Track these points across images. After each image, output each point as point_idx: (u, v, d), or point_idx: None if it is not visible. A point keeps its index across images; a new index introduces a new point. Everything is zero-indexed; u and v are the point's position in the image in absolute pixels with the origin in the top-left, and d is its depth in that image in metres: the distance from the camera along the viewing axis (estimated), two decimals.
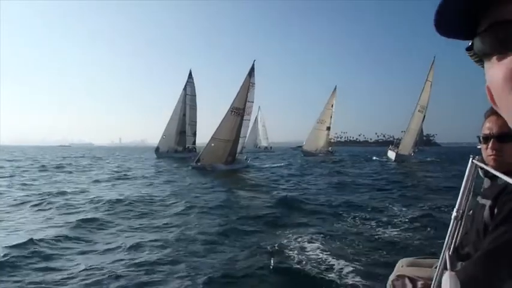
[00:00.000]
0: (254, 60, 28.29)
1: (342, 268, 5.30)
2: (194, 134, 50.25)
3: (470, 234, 1.47)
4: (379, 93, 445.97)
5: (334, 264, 5.48)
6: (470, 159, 1.53)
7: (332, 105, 52.97)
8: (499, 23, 0.40)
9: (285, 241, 6.79)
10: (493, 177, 1.44)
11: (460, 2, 0.42)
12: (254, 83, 28.13)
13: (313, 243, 6.61)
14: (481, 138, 1.52)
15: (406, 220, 8.59)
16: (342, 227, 8.18)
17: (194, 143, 50.39)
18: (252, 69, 28.09)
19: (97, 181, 18.14)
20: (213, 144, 26.43)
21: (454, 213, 1.45)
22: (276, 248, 6.29)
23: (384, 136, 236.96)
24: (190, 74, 50.51)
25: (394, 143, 42.36)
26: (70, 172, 23.74)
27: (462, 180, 1.45)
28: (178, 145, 49.30)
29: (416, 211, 9.68)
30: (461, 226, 1.47)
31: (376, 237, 7.16)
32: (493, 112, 1.45)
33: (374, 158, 42.96)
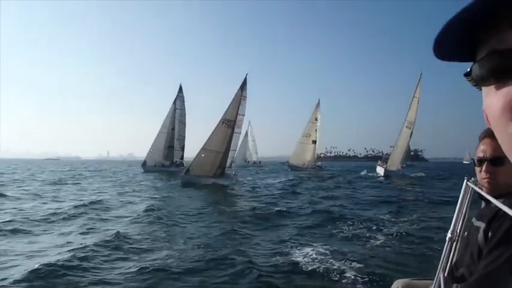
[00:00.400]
0: (246, 74, 28.41)
1: None
2: (182, 149, 50.09)
3: (465, 256, 1.45)
4: (369, 109, 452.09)
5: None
6: (465, 181, 1.56)
7: (316, 119, 54.03)
8: (498, 52, 0.40)
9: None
10: (488, 199, 1.40)
11: (458, 32, 0.42)
12: (246, 96, 28.13)
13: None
14: (475, 160, 1.51)
15: (400, 238, 8.44)
16: (337, 242, 8.03)
17: (182, 157, 50.11)
18: (244, 83, 28.16)
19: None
20: (203, 155, 26.33)
21: (448, 235, 1.48)
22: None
23: (373, 151, 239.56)
24: (180, 88, 50.64)
25: (383, 158, 42.60)
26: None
27: (457, 201, 1.49)
28: (166, 159, 48.90)
29: (410, 228, 9.56)
30: (456, 248, 1.48)
31: (370, 255, 6.96)
32: (487, 135, 1.47)
33: (363, 173, 43.03)
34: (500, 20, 0.39)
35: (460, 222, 1.50)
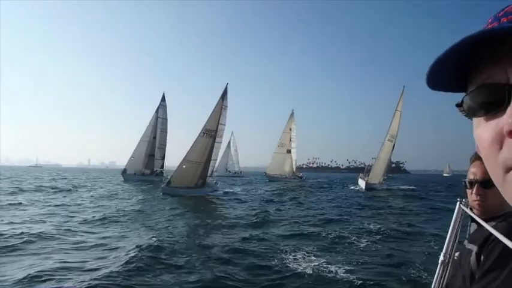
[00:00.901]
0: (227, 83, 28.49)
1: None
2: (163, 158, 49.92)
3: (457, 279, 1.30)
4: (351, 120, 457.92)
5: None
6: (458, 203, 1.57)
7: (290, 129, 55.24)
8: (487, 85, 0.43)
9: None
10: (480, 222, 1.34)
11: (448, 67, 0.45)
12: (227, 106, 28.10)
13: None
14: (466, 182, 1.52)
15: (392, 261, 8.18)
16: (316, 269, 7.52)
17: (162, 166, 49.95)
18: (225, 92, 28.13)
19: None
20: (184, 166, 26.02)
21: (441, 258, 1.48)
22: None
23: (355, 162, 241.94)
24: (163, 97, 50.47)
25: (365, 170, 42.62)
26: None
27: (449, 223, 1.50)
28: (146, 168, 48.33)
29: (400, 250, 9.25)
30: (448, 271, 1.46)
31: (358, 278, 6.71)
32: (477, 157, 1.44)
33: (349, 186, 43.02)
34: (486, 60, 0.42)
35: (452, 245, 1.49)
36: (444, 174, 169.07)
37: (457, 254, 1.48)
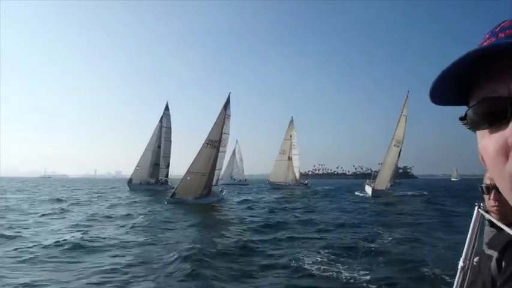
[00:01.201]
0: (230, 93, 28.54)
1: None
2: (167, 166, 50.27)
3: (477, 285, 1.24)
4: (357, 126, 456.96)
5: None
6: (476, 208, 1.53)
7: (291, 136, 56.00)
8: (489, 99, 0.44)
9: None
10: (499, 227, 1.36)
11: (450, 83, 0.46)
12: (230, 115, 28.11)
13: None
14: (483, 188, 1.50)
15: (406, 267, 8.14)
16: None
17: (167, 175, 50.36)
18: (228, 102, 28.14)
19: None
20: (188, 178, 25.95)
21: (460, 264, 1.45)
22: None
23: (361, 168, 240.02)
24: (167, 106, 50.92)
25: (372, 176, 42.20)
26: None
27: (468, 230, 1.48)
28: (151, 177, 48.51)
29: (415, 257, 9.13)
30: (468, 277, 1.45)
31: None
32: None
33: (355, 192, 42.59)
34: (487, 74, 0.43)
35: (472, 251, 1.47)
36: (452, 179, 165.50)
37: (476, 259, 1.45)
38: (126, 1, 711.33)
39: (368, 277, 7.20)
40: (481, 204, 1.57)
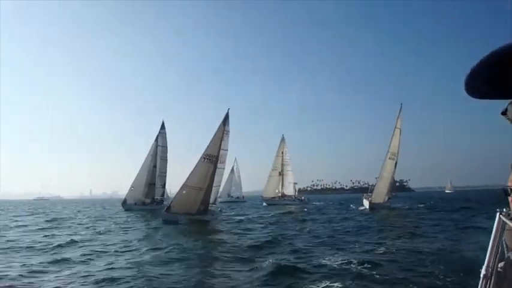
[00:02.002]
0: (228, 109, 28.41)
1: None
2: (163, 186, 49.67)
3: None
4: (354, 140, 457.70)
5: None
6: (498, 214, 1.51)
7: (282, 153, 58.64)
8: None
9: None
10: None
11: (489, 73, 0.42)
12: (229, 131, 28.03)
13: None
14: (509, 190, 1.37)
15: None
16: None
17: (163, 194, 49.63)
18: (227, 117, 28.01)
19: None
20: (184, 192, 25.55)
21: (482, 272, 1.44)
22: None
23: (359, 183, 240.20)
24: (163, 124, 50.52)
25: (369, 190, 42.13)
26: None
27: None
28: (147, 197, 47.85)
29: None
30: (491, 285, 1.42)
31: None
32: None
33: (352, 206, 42.33)
34: None
35: (494, 258, 1.45)
36: (446, 191, 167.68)
37: (500, 265, 1.45)
38: (118, 16, 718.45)
39: None
40: (503, 210, 1.54)
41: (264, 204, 54.50)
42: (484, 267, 1.44)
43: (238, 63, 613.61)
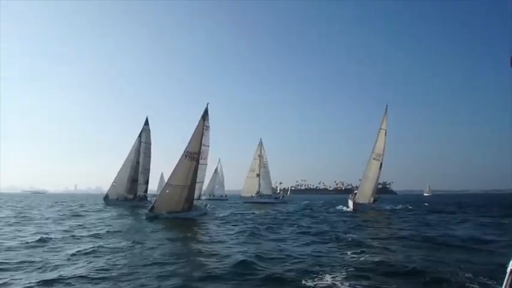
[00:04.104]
0: (207, 103, 27.78)
1: None
2: (146, 182, 49.32)
3: None
4: (337, 142, 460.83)
5: None
6: None
7: (259, 155, 63.50)
8: None
9: None
10: None
11: None
12: (209, 126, 27.53)
13: None
14: None
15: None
16: None
17: (146, 190, 49.44)
18: (206, 112, 27.47)
19: None
20: (167, 191, 24.97)
21: (509, 267, 1.46)
22: None
23: (342, 184, 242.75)
24: (146, 120, 50.00)
25: (354, 191, 42.05)
26: None
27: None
28: (129, 193, 47.23)
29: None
30: None
31: None
32: None
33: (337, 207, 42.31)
34: None
35: None
36: (425, 194, 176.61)
37: None
38: (102, 17, 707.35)
39: None
40: None
41: (243, 202, 58.39)
42: (511, 263, 1.43)
43: (224, 62, 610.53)
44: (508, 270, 1.42)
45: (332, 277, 7.70)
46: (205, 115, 27.20)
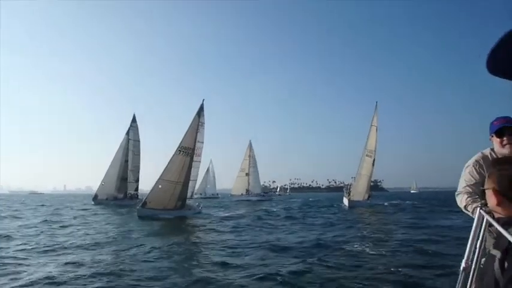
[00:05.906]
0: (203, 100, 27.29)
1: None
2: (137, 181, 48.43)
3: (482, 286, 1.36)
4: (330, 140, 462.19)
5: None
6: (478, 209, 1.53)
7: (249, 156, 66.74)
8: None
9: None
10: (505, 226, 1.31)
11: (505, 51, 0.40)
12: (204, 123, 27.02)
13: None
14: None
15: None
16: None
17: (137, 189, 48.42)
18: (201, 109, 26.98)
19: None
20: (160, 186, 24.31)
21: (462, 265, 1.46)
22: None
23: (335, 182, 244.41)
24: (134, 118, 49.43)
25: (347, 188, 41.89)
26: None
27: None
28: (119, 192, 46.43)
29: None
30: (470, 278, 1.45)
31: None
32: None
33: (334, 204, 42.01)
34: None
35: (473, 251, 1.47)
36: (412, 191, 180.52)
37: (483, 260, 1.44)
38: (93, 10, 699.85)
39: None
40: (485, 205, 1.53)
41: (233, 199, 60.31)
42: (463, 261, 1.44)
43: (218, 62, 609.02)
44: (461, 267, 1.42)
45: None
46: (200, 111, 26.71)
